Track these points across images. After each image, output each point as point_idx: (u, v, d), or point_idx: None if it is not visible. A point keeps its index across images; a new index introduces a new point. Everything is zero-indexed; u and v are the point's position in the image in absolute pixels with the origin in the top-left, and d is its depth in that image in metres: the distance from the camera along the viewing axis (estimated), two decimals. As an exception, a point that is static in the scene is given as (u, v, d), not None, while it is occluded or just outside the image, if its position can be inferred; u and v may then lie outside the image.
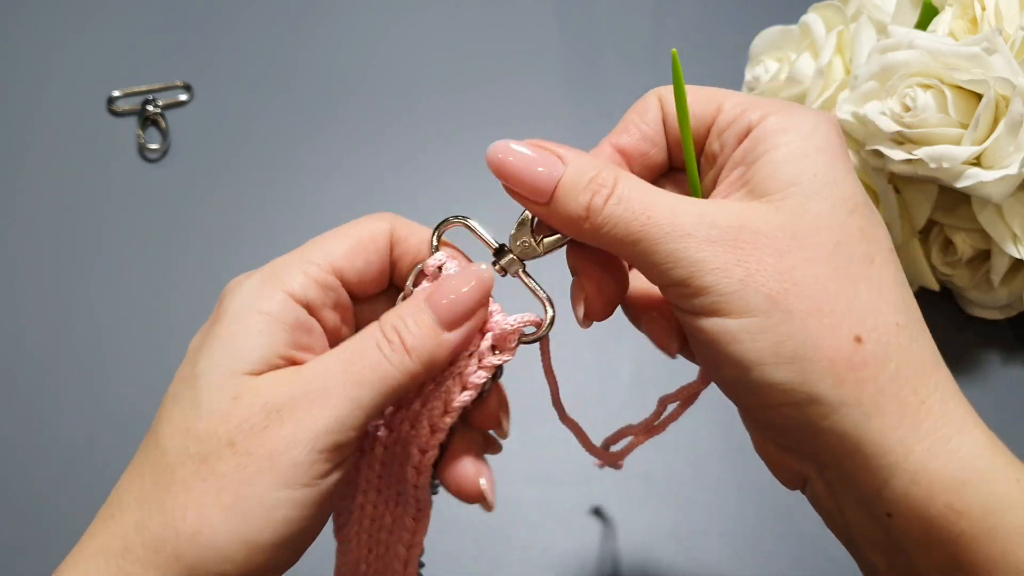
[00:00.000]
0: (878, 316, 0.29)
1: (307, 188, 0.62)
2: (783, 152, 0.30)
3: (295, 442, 0.29)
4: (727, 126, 0.32)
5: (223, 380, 0.30)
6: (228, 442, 0.29)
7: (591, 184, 0.31)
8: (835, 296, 0.29)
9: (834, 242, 0.29)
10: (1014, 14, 0.50)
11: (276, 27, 0.71)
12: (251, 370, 0.30)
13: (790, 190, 0.30)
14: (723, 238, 0.29)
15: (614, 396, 0.54)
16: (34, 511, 0.51)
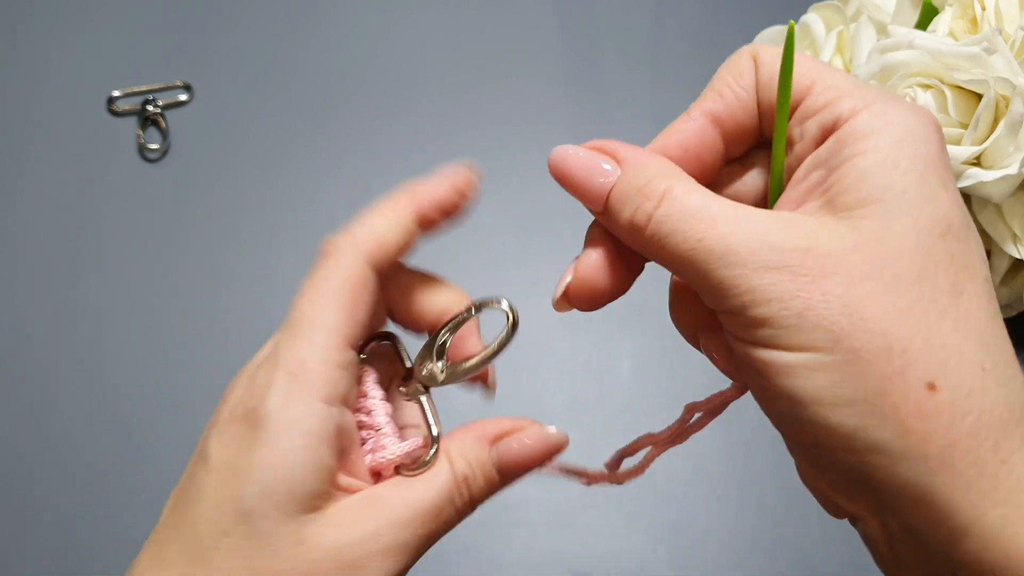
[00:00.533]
0: (961, 358, 0.25)
1: (307, 188, 0.62)
2: (870, 160, 0.26)
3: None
4: (813, 112, 0.28)
5: (280, 521, 0.28)
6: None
7: (638, 195, 0.28)
8: (910, 334, 0.25)
9: (917, 270, 0.25)
10: (1014, 14, 0.50)
11: (276, 27, 0.71)
12: (304, 508, 0.29)
13: (873, 207, 0.26)
14: (784, 264, 0.26)
15: (614, 396, 0.54)
16: (33, 511, 0.51)
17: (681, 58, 0.69)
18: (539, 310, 0.58)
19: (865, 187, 0.26)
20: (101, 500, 0.51)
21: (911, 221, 0.26)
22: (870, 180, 0.26)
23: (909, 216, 0.26)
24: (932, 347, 0.25)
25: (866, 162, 0.26)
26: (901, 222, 0.26)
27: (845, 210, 0.26)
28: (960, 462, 0.25)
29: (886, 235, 0.25)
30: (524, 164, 0.64)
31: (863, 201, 0.26)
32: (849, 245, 0.25)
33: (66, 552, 0.49)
